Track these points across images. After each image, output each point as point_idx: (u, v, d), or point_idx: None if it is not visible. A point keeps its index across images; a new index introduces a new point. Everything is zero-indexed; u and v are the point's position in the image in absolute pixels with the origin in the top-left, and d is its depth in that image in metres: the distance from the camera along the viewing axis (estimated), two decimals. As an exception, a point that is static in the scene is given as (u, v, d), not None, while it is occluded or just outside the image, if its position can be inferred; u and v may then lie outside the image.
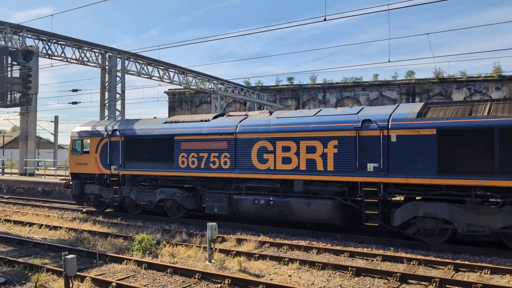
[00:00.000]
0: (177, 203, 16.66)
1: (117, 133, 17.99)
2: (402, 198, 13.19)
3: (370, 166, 12.80)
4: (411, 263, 10.43)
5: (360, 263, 10.64)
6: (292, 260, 10.48)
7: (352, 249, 11.83)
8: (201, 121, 16.52)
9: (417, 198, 12.63)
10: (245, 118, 15.73)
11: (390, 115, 12.76)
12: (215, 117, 16.64)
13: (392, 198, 13.30)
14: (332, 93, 49.44)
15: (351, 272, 9.58)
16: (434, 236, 12.11)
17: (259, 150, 14.68)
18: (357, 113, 13.45)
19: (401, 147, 12.29)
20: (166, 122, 17.40)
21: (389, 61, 16.65)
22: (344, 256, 11.30)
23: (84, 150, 19.04)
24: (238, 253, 11.29)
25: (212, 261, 10.56)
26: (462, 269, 9.92)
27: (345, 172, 13.14)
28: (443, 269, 9.99)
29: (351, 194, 13.38)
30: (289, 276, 9.53)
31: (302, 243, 12.67)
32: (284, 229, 14.47)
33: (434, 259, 10.67)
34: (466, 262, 10.21)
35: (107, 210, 19.18)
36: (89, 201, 19.16)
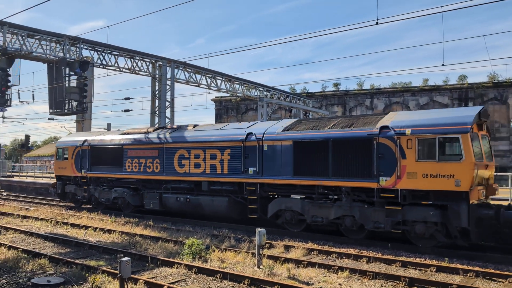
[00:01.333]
0: (126, 200, 20.36)
1: (86, 143, 22.17)
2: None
3: (251, 170, 16.08)
4: (468, 274, 9.99)
5: (413, 273, 10.31)
6: (341, 269, 10.31)
7: (404, 258, 11.50)
8: (144, 133, 20.16)
9: (299, 196, 15.44)
10: (174, 131, 19.32)
11: (267, 129, 16.07)
12: (155, 130, 20.27)
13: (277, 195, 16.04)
14: (380, 98, 48.46)
15: (404, 282, 9.30)
16: (294, 225, 15.39)
17: (179, 157, 18.15)
18: (247, 128, 16.75)
19: (271, 154, 15.58)
20: (121, 134, 21.28)
21: (443, 65, 16.11)
22: (396, 266, 10.98)
23: (64, 156, 23.23)
24: (287, 260, 11.24)
25: (261, 267, 10.57)
26: (524, 283, 9.40)
27: (235, 174, 16.48)
28: (503, 282, 9.50)
29: (240, 192, 16.53)
30: (339, 284, 9.37)
31: (352, 251, 12.45)
32: (332, 237, 14.29)
33: (493, 271, 10.16)
34: (529, 276, 9.66)
35: (82, 206, 23.19)
36: (69, 198, 23.57)
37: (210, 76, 35.55)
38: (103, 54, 27.95)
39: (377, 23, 11.67)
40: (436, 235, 12.45)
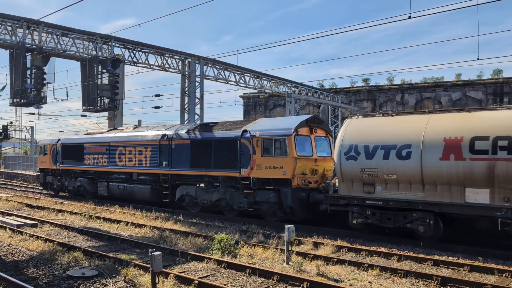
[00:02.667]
0: (86, 188, 24.85)
1: (59, 141, 26.69)
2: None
3: (164, 163, 20.19)
4: (503, 275, 9.71)
5: (445, 272, 10.10)
6: (372, 266, 10.21)
7: (436, 257, 11.28)
8: (99, 133, 24.96)
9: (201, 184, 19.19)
10: (119, 131, 23.96)
11: (176, 130, 20.29)
12: (108, 131, 24.93)
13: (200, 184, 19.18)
14: (411, 94, 47.52)
15: (436, 281, 9.13)
16: (192, 207, 19.52)
17: (119, 153, 22.47)
18: (164, 130, 20.88)
19: (177, 151, 19.69)
20: (84, 134, 26.04)
21: (478, 59, 15.46)
22: (427, 265, 10.78)
23: (45, 152, 27.77)
24: (316, 257, 11.20)
25: (290, 263, 10.58)
26: None
27: (154, 167, 20.65)
28: (540, 283, 9.19)
29: (158, 181, 20.58)
30: (369, 282, 9.28)
31: (382, 249, 12.29)
32: (362, 235, 14.14)
33: (529, 272, 9.84)
34: None
35: (59, 193, 27.60)
36: (49, 187, 28.09)
37: (238, 72, 35.66)
38: (134, 51, 28.44)
39: (409, 17, 11.40)
40: (276, 212, 16.56)
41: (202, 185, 19.15)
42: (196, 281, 8.88)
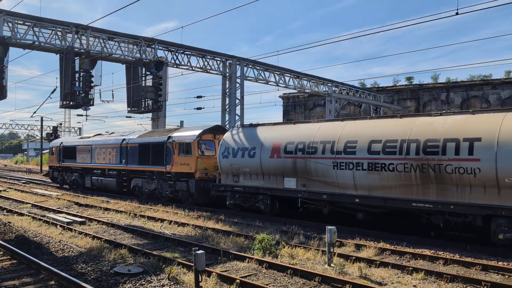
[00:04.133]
0: (78, 181, 31.02)
1: (61, 144, 33.15)
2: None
3: (123, 161, 26.02)
4: (559, 282, 9.23)
5: (495, 278, 9.71)
6: (416, 270, 9.95)
7: (485, 262, 10.85)
8: (87, 138, 31.34)
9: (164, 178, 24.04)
10: (98, 136, 30.55)
11: (129, 135, 26.60)
12: (94, 136, 31.13)
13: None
14: (457, 92, 45.96)
15: (485, 287, 8.80)
16: (142, 194, 24.96)
17: (97, 153, 28.60)
18: (125, 136, 26.79)
19: (131, 152, 25.54)
20: (78, 138, 32.79)
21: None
22: (475, 269, 10.40)
23: (53, 152, 34.47)
24: (358, 259, 11.05)
25: (332, 265, 10.49)
26: None
27: (118, 164, 26.51)
28: None
29: (121, 175, 26.27)
30: (414, 286, 9.06)
31: (427, 252, 11.96)
32: (406, 237, 13.82)
33: None
34: None
35: (64, 186, 33.34)
36: (56, 181, 34.42)
37: (278, 73, 35.68)
38: (177, 54, 29.03)
39: (457, 14, 11.00)
40: (188, 198, 21.94)
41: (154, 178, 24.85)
42: (238, 280, 8.96)
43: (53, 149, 34.43)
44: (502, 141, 11.62)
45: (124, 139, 26.21)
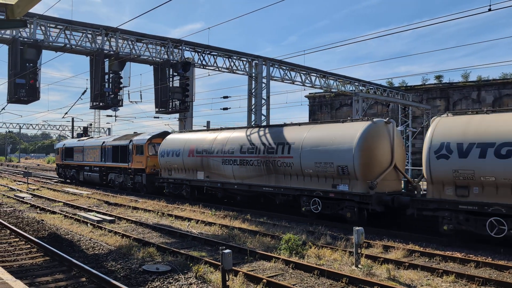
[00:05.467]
0: (74, 176, 37.60)
1: (64, 145, 40.12)
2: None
3: (103, 159, 32.26)
4: None
5: (529, 282, 9.41)
6: (446, 272, 9.76)
7: (518, 265, 10.54)
8: (81, 140, 37.92)
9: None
10: (90, 139, 37.30)
11: (107, 138, 33.39)
12: (87, 139, 37.71)
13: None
14: (489, 91, 44.68)
15: (518, 291, 8.55)
16: (116, 186, 31.30)
17: (86, 153, 35.08)
18: (104, 139, 33.52)
19: (107, 152, 31.84)
20: (77, 140, 39.13)
21: None
22: (509, 273, 10.12)
23: (58, 152, 41.63)
24: (386, 260, 10.90)
25: (359, 266, 10.38)
26: None
27: (100, 161, 32.75)
28: None
29: (101, 171, 32.94)
30: (444, 289, 8.88)
31: (457, 254, 11.70)
32: (435, 238, 13.55)
33: None
34: None
35: (67, 180, 39.67)
36: (61, 176, 41.12)
37: (304, 72, 35.49)
38: (203, 54, 29.24)
39: (489, 10, 10.67)
40: (143, 188, 28.04)
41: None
42: (264, 280, 8.99)
43: (58, 149, 42.08)
44: (304, 146, 17.68)
45: (104, 142, 33.00)
